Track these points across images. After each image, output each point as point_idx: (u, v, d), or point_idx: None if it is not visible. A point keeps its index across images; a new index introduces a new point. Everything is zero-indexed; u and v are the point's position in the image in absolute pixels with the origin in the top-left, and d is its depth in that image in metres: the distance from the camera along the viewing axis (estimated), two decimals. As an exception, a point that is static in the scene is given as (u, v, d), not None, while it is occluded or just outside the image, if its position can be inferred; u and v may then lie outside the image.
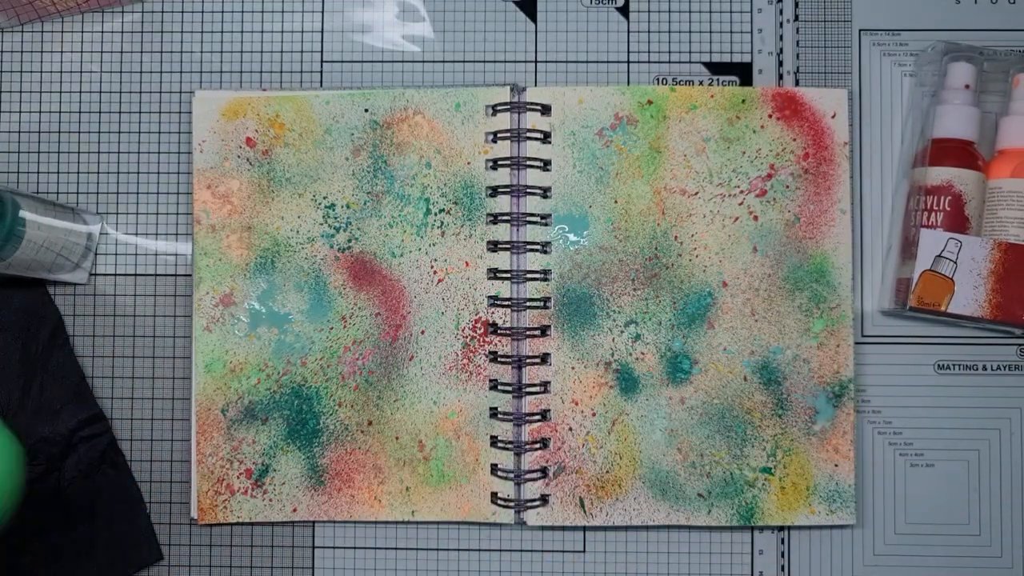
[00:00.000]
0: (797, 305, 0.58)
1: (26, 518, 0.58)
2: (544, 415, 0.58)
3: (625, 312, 0.58)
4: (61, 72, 0.61)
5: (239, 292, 0.58)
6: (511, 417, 0.57)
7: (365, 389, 0.58)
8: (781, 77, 0.60)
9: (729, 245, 0.58)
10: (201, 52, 0.61)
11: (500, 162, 0.58)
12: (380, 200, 0.59)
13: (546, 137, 0.58)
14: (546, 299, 0.58)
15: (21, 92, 0.61)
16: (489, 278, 0.58)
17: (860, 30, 0.60)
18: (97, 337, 0.60)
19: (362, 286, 0.59)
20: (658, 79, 0.60)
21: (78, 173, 0.60)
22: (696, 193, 0.58)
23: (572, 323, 0.58)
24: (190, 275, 0.59)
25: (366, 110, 0.59)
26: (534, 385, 0.58)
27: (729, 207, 0.58)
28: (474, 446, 0.58)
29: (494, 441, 0.58)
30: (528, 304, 0.58)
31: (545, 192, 0.58)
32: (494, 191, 0.58)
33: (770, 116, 0.58)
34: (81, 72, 0.61)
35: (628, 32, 0.60)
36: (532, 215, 0.58)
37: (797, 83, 0.60)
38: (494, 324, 0.58)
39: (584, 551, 0.59)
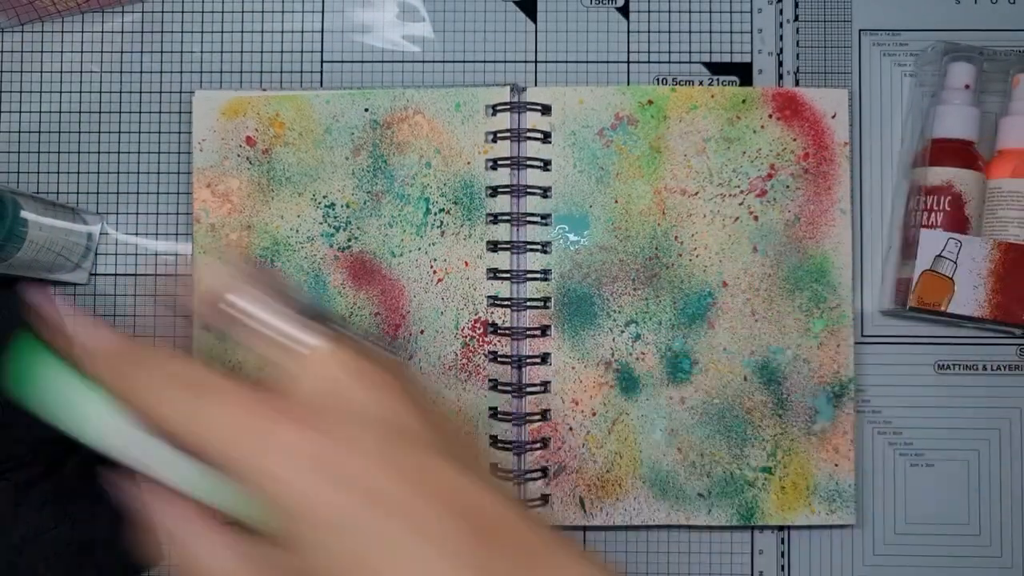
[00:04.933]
0: (797, 305, 0.58)
1: (26, 518, 0.58)
2: (544, 415, 0.58)
3: (625, 312, 0.58)
4: (61, 72, 0.61)
5: (239, 292, 0.58)
6: (511, 417, 0.57)
7: (365, 389, 0.58)
8: (781, 77, 0.60)
9: (729, 245, 0.58)
10: (201, 52, 0.61)
11: (500, 162, 0.58)
12: (380, 200, 0.59)
13: (546, 137, 0.58)
14: (546, 299, 0.58)
15: (21, 92, 0.61)
16: (489, 278, 0.58)
17: (860, 30, 0.60)
18: (97, 337, 0.60)
19: (361, 285, 0.59)
20: (658, 79, 0.60)
21: (78, 173, 0.60)
22: (696, 193, 0.58)
23: (572, 323, 0.58)
24: (190, 275, 0.59)
25: (366, 110, 0.59)
26: (534, 385, 0.58)
27: (729, 207, 0.58)
28: (474, 446, 0.58)
29: (494, 441, 0.58)
30: (528, 304, 0.58)
31: (545, 192, 0.58)
32: (494, 191, 0.58)
33: (770, 116, 0.58)
34: (81, 72, 0.61)
35: (628, 32, 0.60)
36: (532, 215, 0.58)
37: (797, 83, 0.60)
38: (494, 324, 0.58)
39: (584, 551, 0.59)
